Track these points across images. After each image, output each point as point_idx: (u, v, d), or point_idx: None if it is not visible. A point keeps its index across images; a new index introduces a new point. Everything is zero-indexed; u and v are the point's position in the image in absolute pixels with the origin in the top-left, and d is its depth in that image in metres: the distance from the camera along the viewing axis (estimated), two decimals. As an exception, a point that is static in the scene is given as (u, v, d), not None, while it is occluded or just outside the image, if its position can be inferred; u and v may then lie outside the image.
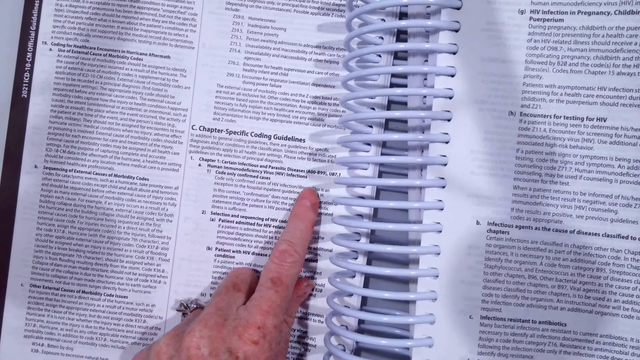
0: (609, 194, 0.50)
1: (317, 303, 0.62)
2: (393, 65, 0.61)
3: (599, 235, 0.51)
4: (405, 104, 0.60)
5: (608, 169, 0.50)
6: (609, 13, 0.50)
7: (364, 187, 0.61)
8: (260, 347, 0.52)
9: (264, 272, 0.57)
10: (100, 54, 0.63)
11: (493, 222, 0.52)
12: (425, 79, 0.57)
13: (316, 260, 0.62)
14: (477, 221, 0.52)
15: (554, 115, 0.51)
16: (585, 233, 0.51)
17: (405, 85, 0.59)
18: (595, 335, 0.51)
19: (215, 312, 0.54)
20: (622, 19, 0.50)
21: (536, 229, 0.51)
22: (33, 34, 0.63)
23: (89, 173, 0.63)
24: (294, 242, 0.58)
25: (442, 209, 0.53)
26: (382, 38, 0.61)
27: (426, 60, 0.56)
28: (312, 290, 0.62)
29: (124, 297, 0.63)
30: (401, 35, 0.61)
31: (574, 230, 0.51)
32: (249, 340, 0.52)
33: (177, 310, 0.62)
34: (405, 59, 0.60)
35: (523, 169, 0.51)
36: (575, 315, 0.51)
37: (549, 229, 0.51)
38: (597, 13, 0.50)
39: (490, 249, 0.52)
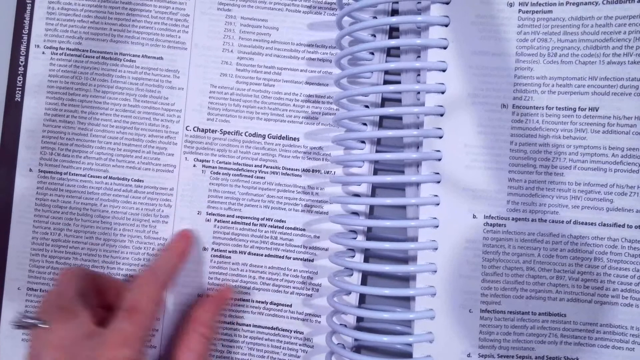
0: (603, 183, 0.50)
1: (315, 302, 0.61)
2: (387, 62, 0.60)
3: (595, 225, 0.50)
4: (399, 101, 0.59)
5: (602, 158, 0.50)
6: (597, 3, 0.50)
7: (359, 185, 0.61)
8: None
9: (121, 303, 0.53)
10: (93, 57, 0.63)
11: (489, 216, 0.52)
12: (419, 75, 0.56)
13: (313, 260, 0.62)
14: (473, 215, 0.52)
15: (546, 107, 0.51)
16: (582, 223, 0.50)
17: (399, 83, 0.59)
18: (595, 324, 0.51)
19: (59, 357, 0.49)
20: (610, 9, 0.50)
21: (532, 220, 0.51)
22: (25, 37, 0.63)
23: (84, 175, 0.63)
24: (155, 268, 0.58)
25: (438, 204, 0.52)
26: (375, 36, 0.60)
27: (418, 57, 0.56)
28: (232, 295, 0.61)
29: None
30: (394, 32, 0.61)
31: (570, 221, 0.51)
32: None
33: (14, 327, 0.54)
34: (398, 56, 0.59)
35: (517, 161, 0.51)
36: (574, 306, 0.51)
37: (545, 220, 0.51)
38: (586, 3, 0.50)
39: (488, 242, 0.52)
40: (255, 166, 0.62)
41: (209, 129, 0.62)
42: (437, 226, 0.52)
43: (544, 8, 0.51)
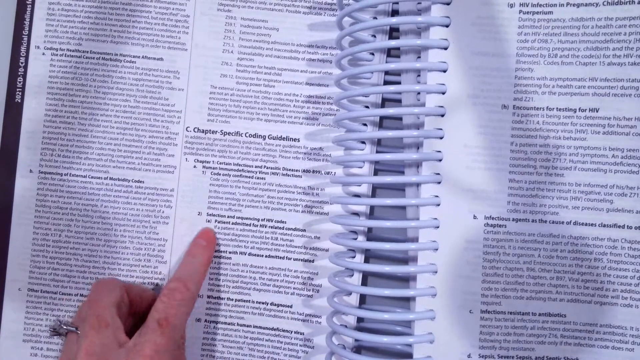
0: (603, 184, 0.50)
1: (316, 303, 0.62)
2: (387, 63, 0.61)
3: (595, 226, 0.51)
4: (399, 101, 0.60)
5: (602, 159, 0.50)
6: (597, 4, 0.51)
7: (359, 186, 0.61)
8: None
9: (151, 312, 0.54)
10: (94, 58, 0.63)
11: (490, 216, 0.52)
12: (419, 75, 0.57)
13: (313, 261, 0.62)
14: (474, 215, 0.52)
15: (547, 108, 0.51)
16: (582, 224, 0.51)
17: (399, 83, 0.59)
18: (595, 325, 0.51)
19: None
20: (610, 10, 0.50)
21: (533, 221, 0.51)
22: (26, 38, 0.63)
23: (84, 177, 0.63)
24: (185, 279, 0.57)
25: (438, 205, 0.52)
26: (375, 36, 0.61)
27: (419, 57, 0.56)
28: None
29: (122, 300, 0.63)
30: (394, 33, 0.61)
31: (570, 222, 0.51)
32: None
33: (51, 334, 0.58)
34: (399, 57, 0.60)
35: (518, 162, 0.51)
36: (574, 306, 0.51)
37: (545, 221, 0.51)
38: (586, 4, 0.51)
39: (488, 243, 0.52)
40: (256, 167, 0.62)
41: (209, 130, 0.63)
42: (438, 227, 0.52)
43: (544, 9, 0.51)
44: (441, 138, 0.52)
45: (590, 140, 0.51)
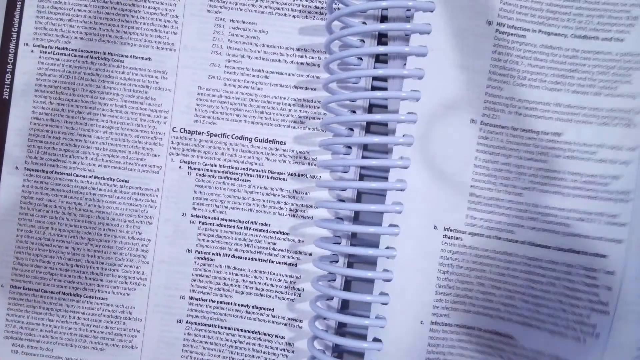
0: (561, 208, 0.53)
1: (298, 307, 0.66)
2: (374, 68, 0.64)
3: (550, 248, 0.53)
4: (386, 107, 0.63)
5: (562, 182, 0.53)
6: (566, 35, 0.54)
7: (344, 190, 0.64)
8: None
9: None
10: (82, 56, 0.67)
11: (449, 228, 0.55)
12: (406, 81, 0.59)
13: (296, 264, 0.66)
14: (434, 225, 0.55)
15: (512, 127, 0.54)
16: (537, 245, 0.54)
17: (386, 89, 0.63)
18: (543, 354, 0.53)
19: None
20: (577, 42, 0.54)
21: (488, 237, 0.54)
22: (15, 35, 0.67)
23: (70, 175, 0.67)
24: None
25: (400, 212, 0.55)
26: (364, 41, 0.64)
27: (405, 64, 0.58)
28: None
29: (104, 299, 0.67)
30: (383, 38, 0.64)
31: (525, 241, 0.54)
32: None
33: None
34: (387, 62, 0.63)
35: (479, 177, 0.54)
36: (524, 330, 0.54)
37: (500, 238, 0.54)
38: (556, 34, 0.54)
39: (444, 255, 0.55)
40: (241, 169, 0.66)
41: (196, 131, 0.66)
42: (397, 234, 0.55)
43: (518, 32, 0.54)
44: (410, 145, 0.55)
45: (550, 163, 0.54)
